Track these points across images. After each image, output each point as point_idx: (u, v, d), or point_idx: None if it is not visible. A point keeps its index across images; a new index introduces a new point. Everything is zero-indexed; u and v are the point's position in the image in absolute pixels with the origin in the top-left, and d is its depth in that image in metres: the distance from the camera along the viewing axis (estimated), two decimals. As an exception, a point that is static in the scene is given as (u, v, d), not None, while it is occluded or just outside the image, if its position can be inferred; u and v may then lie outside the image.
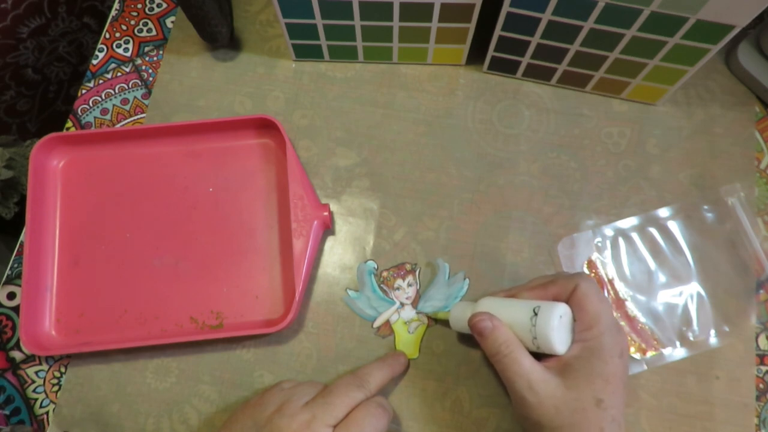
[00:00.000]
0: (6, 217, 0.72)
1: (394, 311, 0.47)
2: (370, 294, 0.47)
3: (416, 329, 0.46)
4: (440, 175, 0.51)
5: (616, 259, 0.48)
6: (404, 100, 0.53)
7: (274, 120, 0.49)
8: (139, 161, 0.51)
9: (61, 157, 0.50)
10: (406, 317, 0.47)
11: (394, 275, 0.48)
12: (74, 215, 0.49)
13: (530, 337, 0.37)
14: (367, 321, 0.47)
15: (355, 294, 0.48)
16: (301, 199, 0.47)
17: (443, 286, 0.47)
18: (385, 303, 0.47)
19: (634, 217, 0.49)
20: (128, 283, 0.48)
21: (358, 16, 0.47)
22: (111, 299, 0.47)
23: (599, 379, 0.35)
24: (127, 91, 0.55)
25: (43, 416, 0.46)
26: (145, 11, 0.57)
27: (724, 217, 0.49)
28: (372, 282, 0.48)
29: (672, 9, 0.40)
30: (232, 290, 0.48)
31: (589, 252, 0.49)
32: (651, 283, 0.48)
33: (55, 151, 0.50)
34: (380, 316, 0.47)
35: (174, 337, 0.45)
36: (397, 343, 0.46)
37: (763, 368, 0.46)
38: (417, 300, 0.47)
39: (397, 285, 0.48)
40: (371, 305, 0.47)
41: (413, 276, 0.48)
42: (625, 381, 0.37)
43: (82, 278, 0.48)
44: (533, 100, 0.53)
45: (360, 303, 0.47)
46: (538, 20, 0.45)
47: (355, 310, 0.47)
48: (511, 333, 0.38)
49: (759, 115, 0.53)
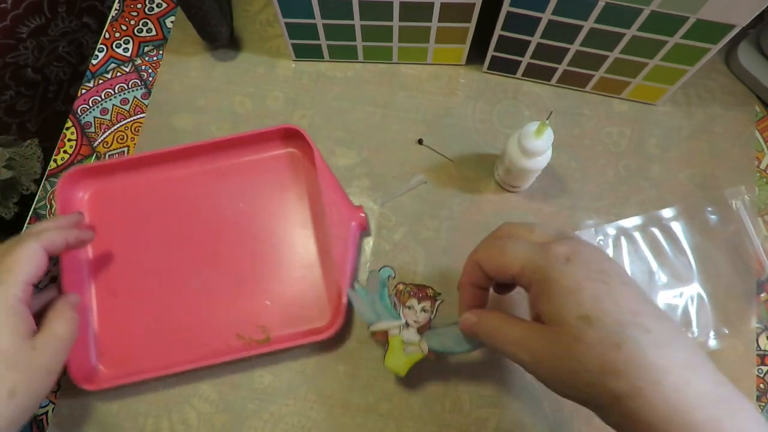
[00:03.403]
0: (6, 217, 0.72)
1: (396, 326, 0.42)
2: (377, 299, 0.43)
3: (412, 353, 0.42)
4: (440, 175, 0.51)
5: (618, 258, 0.48)
6: (404, 100, 0.53)
7: (299, 129, 0.48)
8: (166, 184, 0.50)
9: (86, 188, 0.50)
10: (406, 338, 0.42)
11: (411, 293, 0.43)
12: (106, 246, 0.48)
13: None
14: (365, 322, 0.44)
15: (362, 290, 0.44)
16: (335, 204, 0.46)
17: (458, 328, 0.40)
18: (390, 314, 0.43)
19: (637, 216, 0.49)
20: (169, 308, 0.47)
21: (358, 16, 0.47)
22: (154, 326, 0.46)
23: (566, 300, 0.30)
24: (126, 91, 0.55)
25: (42, 416, 0.46)
26: (145, 11, 0.57)
27: (728, 219, 0.49)
28: (383, 291, 0.44)
29: (672, 8, 0.40)
30: (275, 302, 0.47)
31: (590, 252, 0.48)
32: (652, 283, 0.48)
33: (81, 183, 0.49)
34: (381, 322, 0.43)
35: (224, 356, 0.44)
36: (388, 355, 0.42)
37: (763, 368, 0.46)
38: (426, 328, 0.43)
39: (410, 304, 0.43)
40: (374, 309, 0.43)
41: (431, 303, 0.43)
42: (614, 279, 0.30)
43: (122, 308, 0.47)
44: (533, 100, 0.53)
45: (364, 301, 0.43)
46: (538, 20, 0.45)
47: (355, 305, 0.43)
48: (498, 314, 0.35)
49: (759, 115, 0.53)
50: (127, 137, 0.53)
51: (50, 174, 0.52)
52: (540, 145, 0.41)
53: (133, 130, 0.53)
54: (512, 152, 0.43)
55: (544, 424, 0.44)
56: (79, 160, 0.53)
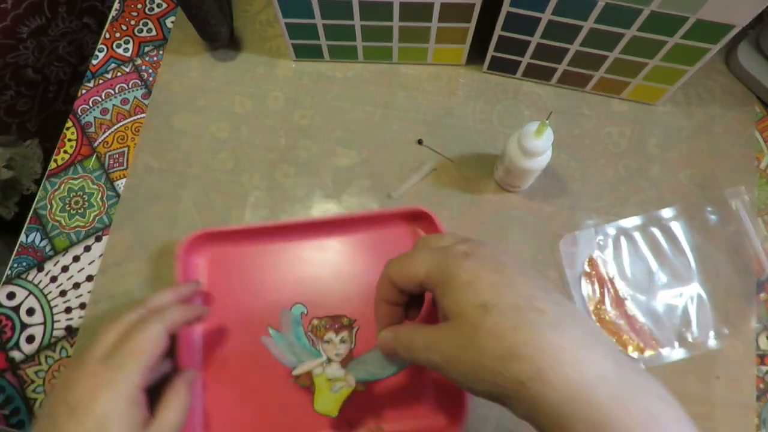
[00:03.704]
0: (6, 217, 0.72)
1: (318, 364, 0.42)
2: (293, 341, 0.43)
3: (340, 389, 0.41)
4: (440, 175, 0.51)
5: (618, 258, 0.48)
6: (404, 100, 0.53)
7: (428, 212, 0.45)
8: (285, 256, 0.47)
9: (204, 254, 0.47)
10: (330, 374, 0.42)
11: (327, 326, 0.43)
12: (220, 314, 0.45)
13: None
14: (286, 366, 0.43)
15: (278, 336, 0.43)
16: None
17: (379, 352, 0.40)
18: (310, 353, 0.42)
19: (637, 216, 0.49)
20: (281, 385, 0.43)
21: (358, 16, 0.47)
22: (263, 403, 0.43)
23: (465, 292, 0.30)
24: (127, 91, 0.55)
25: (42, 416, 0.46)
26: (145, 11, 0.57)
27: (728, 219, 0.49)
28: (298, 331, 0.43)
29: (672, 9, 0.40)
30: (389, 392, 0.43)
31: (591, 250, 0.49)
32: (651, 283, 0.48)
33: (200, 249, 0.47)
34: (302, 365, 0.42)
35: None
36: (316, 398, 0.41)
37: (763, 368, 0.46)
38: (348, 359, 0.42)
39: (328, 338, 0.43)
40: (293, 351, 0.42)
41: (349, 332, 0.43)
42: (511, 269, 0.31)
43: (231, 383, 0.44)
44: (533, 100, 0.53)
45: (281, 346, 0.42)
46: (538, 20, 0.45)
47: (273, 352, 0.42)
48: (411, 324, 0.35)
49: (759, 115, 0.53)
50: (128, 137, 0.53)
51: (50, 174, 0.52)
52: (540, 145, 0.41)
53: (134, 130, 0.53)
54: (512, 152, 0.43)
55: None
56: (79, 160, 0.53)
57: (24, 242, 0.50)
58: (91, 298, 0.48)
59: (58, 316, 0.48)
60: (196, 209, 0.50)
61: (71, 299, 0.49)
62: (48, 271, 0.49)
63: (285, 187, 0.51)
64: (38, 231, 0.51)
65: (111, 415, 0.32)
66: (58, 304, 0.49)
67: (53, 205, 0.51)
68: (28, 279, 0.49)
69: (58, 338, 0.48)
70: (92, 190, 0.52)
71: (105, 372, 0.34)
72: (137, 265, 0.49)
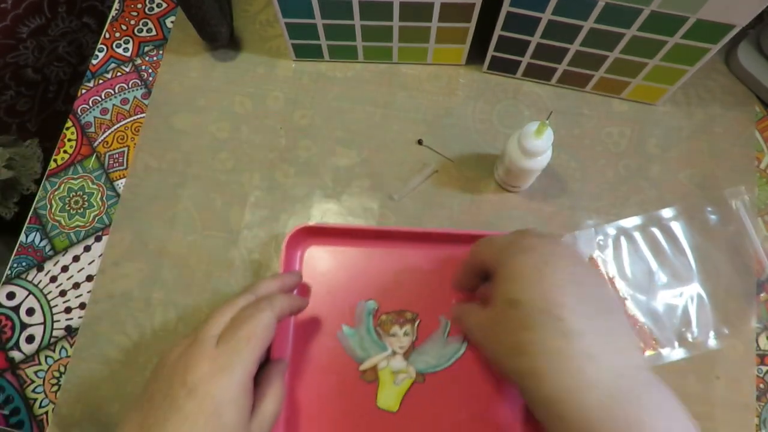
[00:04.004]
0: (6, 217, 0.72)
1: (384, 357, 0.44)
2: (364, 334, 0.45)
3: (402, 381, 0.44)
4: (440, 175, 0.51)
5: (618, 258, 0.48)
6: (404, 100, 0.53)
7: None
8: (380, 261, 0.47)
9: (304, 247, 0.48)
10: (394, 367, 0.44)
11: (393, 321, 0.46)
12: (311, 310, 0.46)
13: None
14: (354, 362, 0.45)
15: (350, 331, 0.45)
16: None
17: (440, 343, 0.45)
18: (377, 347, 0.45)
19: (637, 216, 0.49)
20: (362, 394, 0.44)
21: (358, 16, 0.47)
22: (342, 409, 0.44)
23: (505, 284, 0.33)
24: (127, 90, 0.55)
25: (42, 416, 0.46)
26: (145, 11, 0.57)
27: (728, 219, 0.49)
28: (369, 322, 0.46)
29: (672, 8, 0.40)
30: (471, 417, 0.43)
31: (591, 250, 0.49)
32: (651, 283, 0.48)
33: (303, 241, 0.48)
34: (369, 359, 0.44)
35: None
36: (380, 392, 0.44)
37: (763, 368, 0.46)
38: (410, 351, 0.45)
39: (393, 331, 0.45)
40: (363, 346, 0.45)
41: (411, 326, 0.45)
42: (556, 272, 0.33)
43: (315, 381, 0.44)
44: (533, 100, 0.53)
45: (352, 341, 0.45)
46: (538, 20, 0.45)
47: (345, 347, 0.45)
48: (470, 304, 0.40)
49: (759, 115, 0.53)
50: (128, 137, 0.53)
51: (50, 174, 0.52)
52: (540, 145, 0.41)
53: (134, 130, 0.53)
54: (512, 152, 0.43)
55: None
56: (79, 160, 0.53)
57: (24, 242, 0.50)
58: (91, 298, 0.48)
59: (57, 316, 0.48)
60: (195, 209, 0.50)
61: (71, 299, 0.49)
62: (48, 271, 0.49)
63: (285, 187, 0.51)
64: (38, 231, 0.51)
65: (227, 400, 0.32)
66: (57, 304, 0.49)
67: (53, 205, 0.51)
68: (27, 279, 0.49)
69: (57, 338, 0.48)
70: (92, 190, 0.52)
71: (222, 356, 0.33)
72: (137, 265, 0.49)
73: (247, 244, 0.49)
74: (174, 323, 0.47)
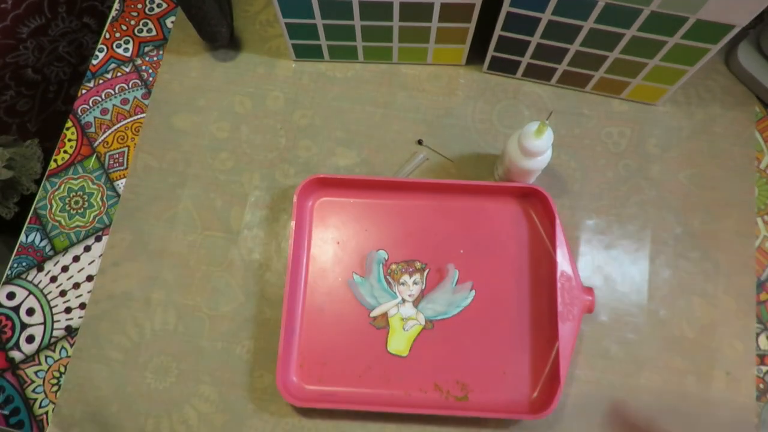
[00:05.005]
0: (6, 217, 0.72)
1: (394, 305, 0.47)
2: (375, 282, 0.47)
3: (412, 328, 0.46)
4: (440, 175, 0.51)
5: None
6: (404, 100, 0.53)
7: (544, 192, 0.46)
8: (392, 211, 0.49)
9: (315, 197, 0.49)
10: (404, 314, 0.46)
11: (403, 270, 0.47)
12: (322, 259, 0.48)
13: None
14: (365, 309, 0.47)
15: (360, 279, 0.47)
16: (569, 280, 0.44)
17: (448, 292, 0.47)
18: (387, 295, 0.47)
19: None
20: (371, 335, 0.46)
21: (358, 16, 0.47)
22: (355, 352, 0.46)
23: None
24: (127, 91, 0.55)
25: (42, 416, 0.46)
26: (145, 11, 0.57)
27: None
28: (379, 271, 0.47)
29: (672, 9, 0.40)
30: (479, 362, 0.45)
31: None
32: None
33: (314, 192, 0.49)
34: (380, 306, 0.47)
35: (421, 408, 0.43)
36: (390, 338, 0.46)
37: (763, 368, 0.46)
38: (419, 300, 0.47)
39: (403, 280, 0.47)
40: (373, 294, 0.47)
41: (421, 275, 0.47)
42: None
43: (326, 327, 0.46)
44: (533, 100, 0.53)
45: (362, 289, 0.47)
46: (538, 20, 0.45)
47: (356, 294, 0.47)
48: None
49: (759, 115, 0.53)
50: (128, 137, 0.53)
51: (50, 174, 0.52)
52: (540, 145, 0.41)
53: (134, 130, 0.53)
54: (512, 152, 0.43)
55: (543, 421, 0.44)
56: (79, 160, 0.53)
57: (24, 242, 0.50)
58: (91, 298, 0.48)
59: (57, 316, 0.48)
60: (195, 209, 0.50)
61: (71, 299, 0.49)
62: (48, 271, 0.49)
63: (285, 187, 0.51)
64: (38, 231, 0.51)
65: None
66: (58, 304, 0.49)
67: (53, 205, 0.51)
68: (28, 279, 0.49)
69: (58, 338, 0.48)
70: (92, 190, 0.52)
71: None
72: (137, 265, 0.49)
73: (247, 244, 0.49)
74: (174, 323, 0.47)
